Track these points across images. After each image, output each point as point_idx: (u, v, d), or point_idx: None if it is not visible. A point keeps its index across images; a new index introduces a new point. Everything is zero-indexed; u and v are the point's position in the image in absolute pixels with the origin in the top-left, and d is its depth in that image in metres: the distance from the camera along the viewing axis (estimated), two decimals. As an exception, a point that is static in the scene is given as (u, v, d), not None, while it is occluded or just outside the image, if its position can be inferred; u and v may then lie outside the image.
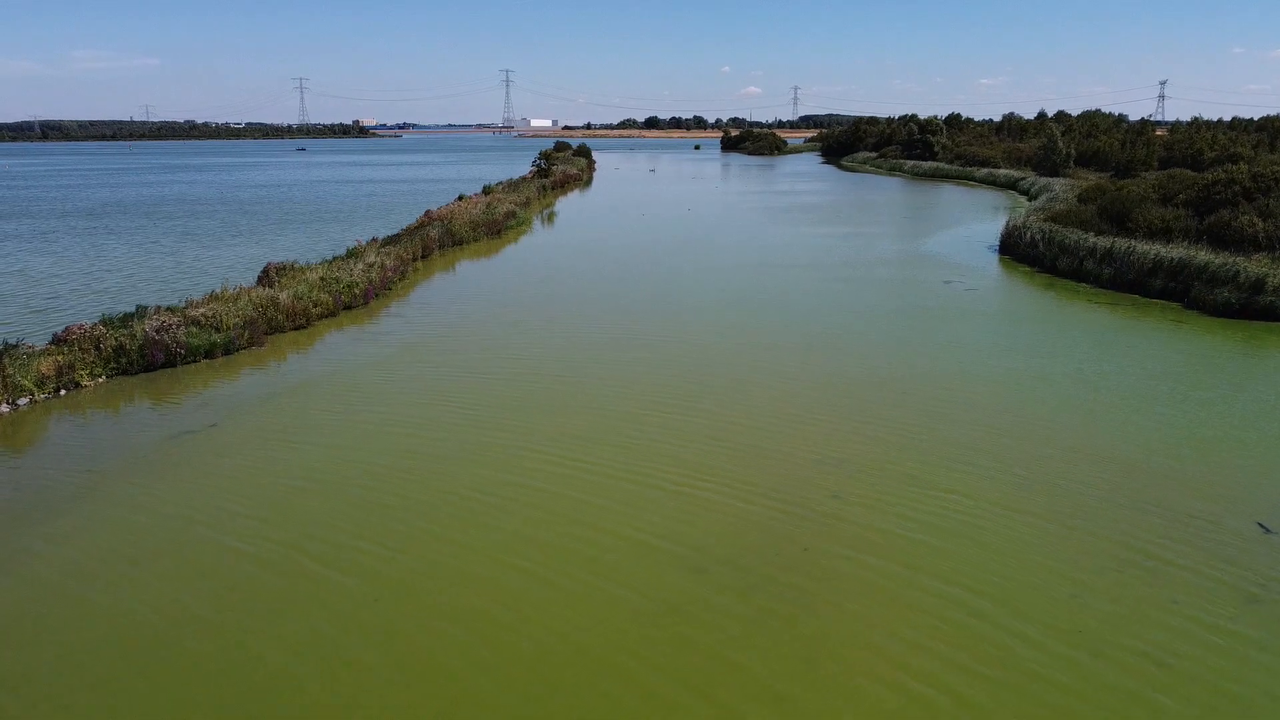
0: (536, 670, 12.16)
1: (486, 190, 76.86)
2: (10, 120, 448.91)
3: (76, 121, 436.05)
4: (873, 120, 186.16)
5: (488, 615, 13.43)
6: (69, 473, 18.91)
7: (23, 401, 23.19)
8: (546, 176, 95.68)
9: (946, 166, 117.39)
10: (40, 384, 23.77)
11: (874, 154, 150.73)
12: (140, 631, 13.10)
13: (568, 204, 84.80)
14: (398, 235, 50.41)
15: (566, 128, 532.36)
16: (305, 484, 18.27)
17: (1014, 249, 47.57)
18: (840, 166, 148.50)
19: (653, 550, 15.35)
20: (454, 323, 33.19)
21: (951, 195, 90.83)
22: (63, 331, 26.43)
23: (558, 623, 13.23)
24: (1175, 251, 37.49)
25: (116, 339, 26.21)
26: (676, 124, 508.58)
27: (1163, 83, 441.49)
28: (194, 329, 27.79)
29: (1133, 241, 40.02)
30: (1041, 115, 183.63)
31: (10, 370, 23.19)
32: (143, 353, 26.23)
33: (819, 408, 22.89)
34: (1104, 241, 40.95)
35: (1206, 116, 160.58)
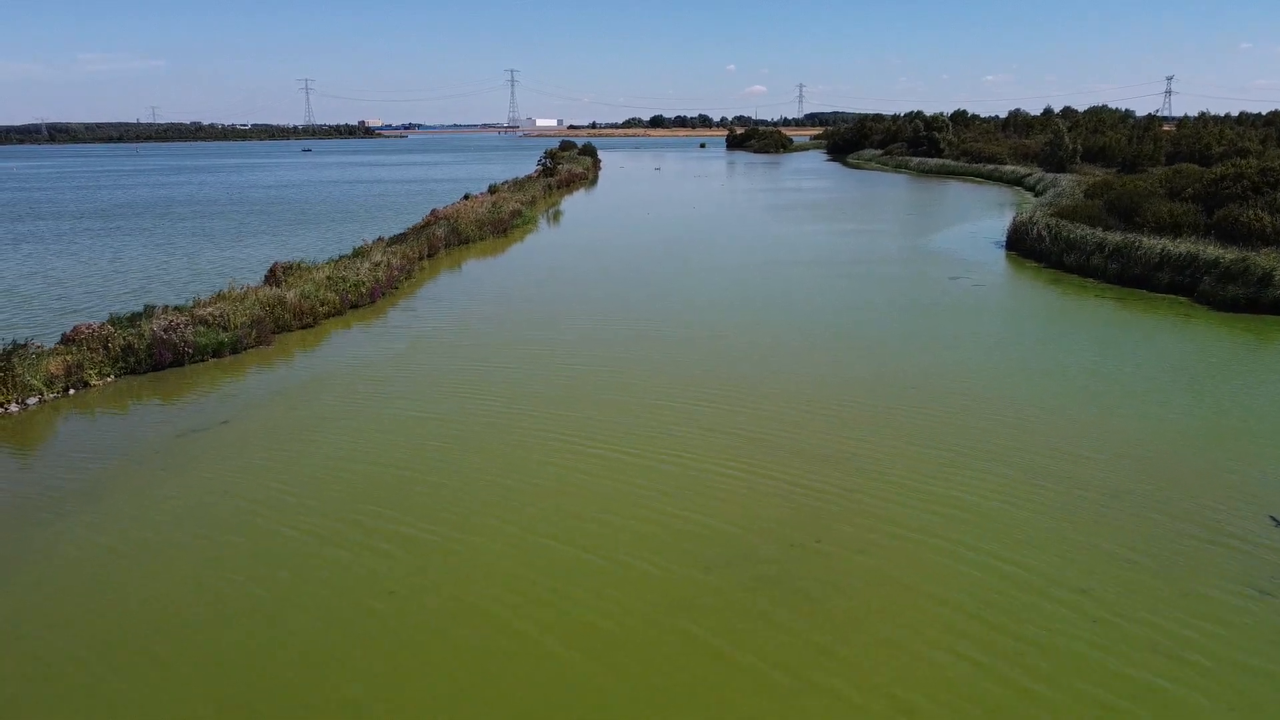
0: (543, 660, 12.17)
1: (492, 189, 76.97)
2: (17, 123, 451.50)
3: (83, 124, 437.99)
4: (878, 118, 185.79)
5: (502, 601, 13.46)
6: (80, 470, 18.99)
7: (32, 401, 23.31)
8: (552, 175, 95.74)
9: (952, 163, 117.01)
10: (49, 383, 23.88)
11: (879, 151, 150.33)
12: (156, 623, 13.14)
13: (573, 203, 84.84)
14: (404, 234, 50.53)
15: (572, 127, 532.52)
16: (320, 475, 18.33)
17: (1020, 244, 47.43)
18: (846, 164, 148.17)
19: (663, 544, 15.34)
20: (460, 320, 33.24)
21: (957, 192, 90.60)
22: (71, 331, 26.57)
23: (567, 612, 13.24)
24: (1183, 246, 37.36)
25: (124, 338, 26.31)
26: (682, 123, 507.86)
27: (1169, 78, 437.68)
28: (201, 328, 27.88)
29: (1140, 236, 39.88)
30: (1048, 111, 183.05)
31: (19, 370, 23.31)
32: (150, 352, 26.33)
33: (826, 403, 22.86)
34: (1112, 237, 40.80)
35: (1214, 112, 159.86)
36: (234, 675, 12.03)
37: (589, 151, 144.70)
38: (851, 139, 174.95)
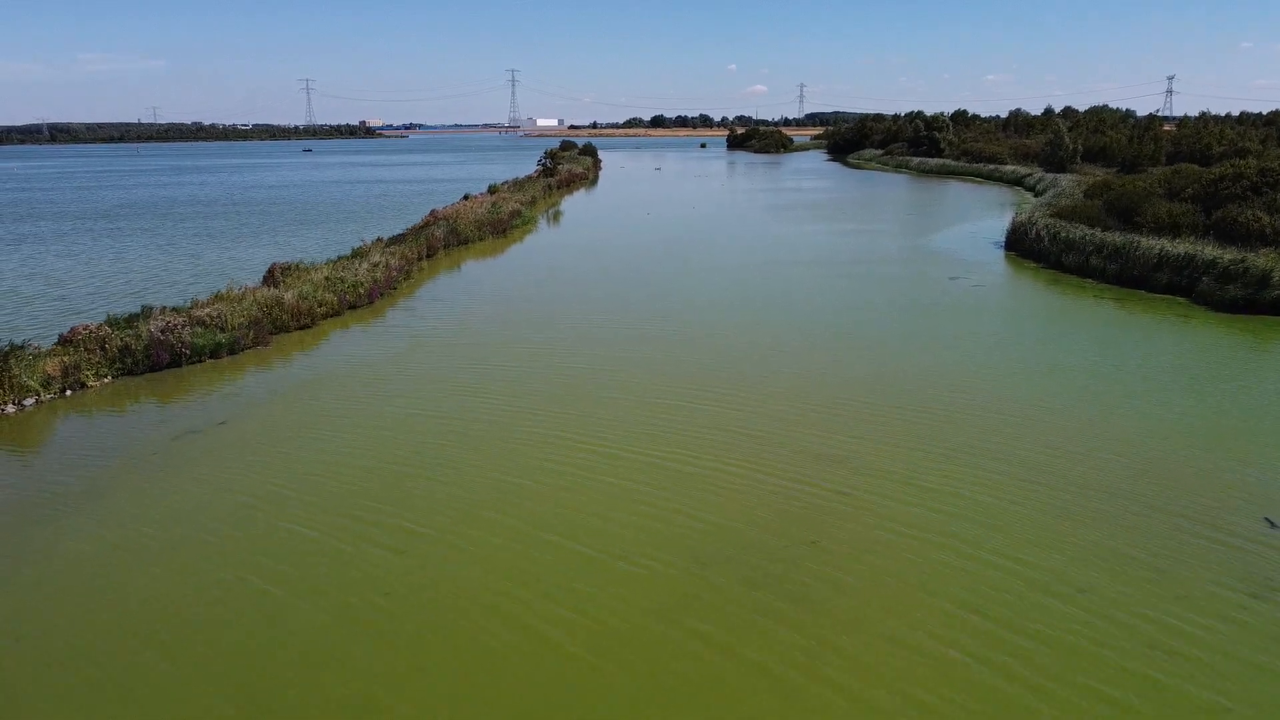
0: (545, 656, 12.15)
1: (492, 189, 76.96)
2: (19, 123, 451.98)
3: (84, 124, 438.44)
4: (879, 117, 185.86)
5: (504, 596, 13.45)
6: (78, 470, 18.98)
7: (28, 402, 23.29)
8: (552, 175, 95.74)
9: (953, 163, 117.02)
10: (46, 384, 23.87)
11: (880, 151, 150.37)
12: (157, 621, 13.14)
13: (573, 203, 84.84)
14: (403, 235, 50.51)
15: (572, 127, 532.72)
16: (319, 473, 18.32)
17: (1020, 245, 47.42)
18: (846, 164, 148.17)
19: (665, 541, 15.33)
20: (459, 320, 33.23)
21: (957, 192, 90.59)
22: (68, 332, 26.54)
23: (569, 607, 13.23)
24: (1181, 247, 37.33)
25: (122, 339, 26.29)
26: (683, 123, 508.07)
27: (1170, 78, 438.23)
28: (199, 329, 27.87)
29: (1139, 237, 39.85)
30: (1048, 111, 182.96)
31: (16, 371, 23.29)
32: (148, 353, 26.31)
33: (825, 404, 22.84)
34: (1111, 237, 40.78)
35: (1214, 112, 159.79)
36: (236, 671, 12.02)
37: (589, 151, 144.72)
38: (852, 139, 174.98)
